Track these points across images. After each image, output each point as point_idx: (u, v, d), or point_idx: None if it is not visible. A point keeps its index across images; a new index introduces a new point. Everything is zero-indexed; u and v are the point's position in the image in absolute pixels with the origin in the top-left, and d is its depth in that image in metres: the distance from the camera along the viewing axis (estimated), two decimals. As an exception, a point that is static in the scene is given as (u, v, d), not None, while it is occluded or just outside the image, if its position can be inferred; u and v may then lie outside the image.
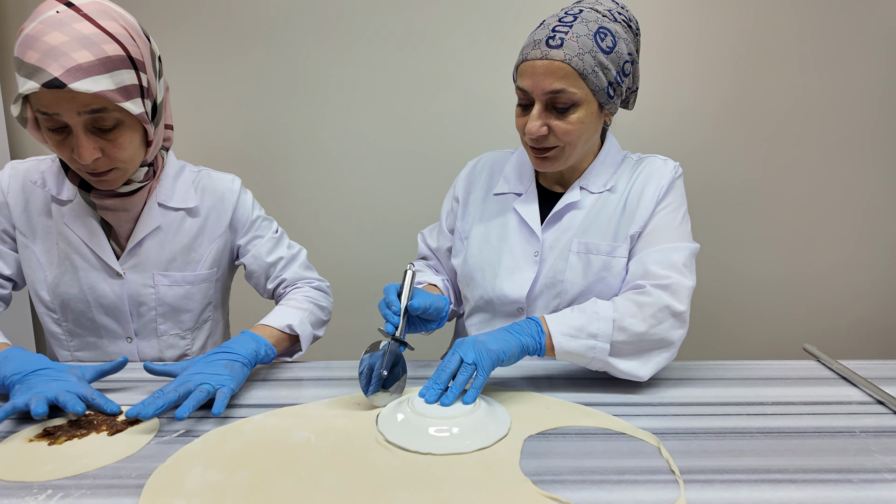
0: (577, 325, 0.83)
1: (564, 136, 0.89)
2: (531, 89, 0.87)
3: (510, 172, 1.05)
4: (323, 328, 1.06)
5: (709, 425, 0.75)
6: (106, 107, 0.78)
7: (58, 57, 0.73)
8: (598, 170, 0.98)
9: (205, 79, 1.68)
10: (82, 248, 0.93)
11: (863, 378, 0.88)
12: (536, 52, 0.86)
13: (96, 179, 0.85)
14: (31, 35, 0.74)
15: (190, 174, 1.01)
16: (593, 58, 0.85)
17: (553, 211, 0.98)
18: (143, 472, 0.63)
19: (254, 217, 1.05)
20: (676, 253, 0.89)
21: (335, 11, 1.64)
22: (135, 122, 0.83)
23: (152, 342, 1.00)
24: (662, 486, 0.61)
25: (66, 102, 0.75)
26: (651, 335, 0.83)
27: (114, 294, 0.95)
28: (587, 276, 0.94)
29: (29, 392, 0.72)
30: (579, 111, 0.88)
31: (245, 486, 0.60)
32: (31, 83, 0.73)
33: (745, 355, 1.77)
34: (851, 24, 1.62)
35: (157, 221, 0.95)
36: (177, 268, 0.98)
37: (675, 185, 0.96)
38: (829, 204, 1.73)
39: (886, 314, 1.79)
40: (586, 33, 0.85)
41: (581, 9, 0.89)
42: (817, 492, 0.60)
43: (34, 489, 0.60)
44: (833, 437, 0.72)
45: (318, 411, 0.77)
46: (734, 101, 1.67)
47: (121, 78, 0.78)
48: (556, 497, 0.58)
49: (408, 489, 0.59)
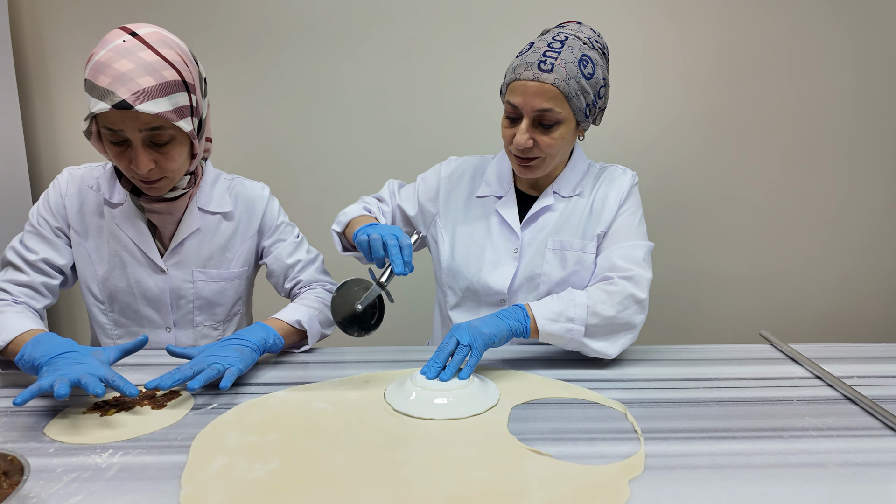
0: (556, 311, 0.95)
1: (547, 149, 1.01)
2: (521, 106, 0.98)
3: (491, 177, 1.16)
4: (332, 328, 1.12)
5: (669, 397, 0.87)
6: (163, 125, 0.89)
7: (126, 82, 0.84)
8: (567, 177, 1.11)
9: (213, 88, 1.78)
10: (131, 247, 1.04)
11: (807, 358, 1.01)
12: (529, 73, 0.96)
13: (147, 186, 0.96)
14: (102, 62, 0.85)
15: (225, 181, 1.12)
16: (577, 82, 0.97)
17: (530, 213, 1.11)
18: (187, 436, 0.74)
19: (279, 222, 1.15)
20: (637, 250, 1.03)
21: (337, 24, 1.75)
22: (185, 138, 0.94)
23: (188, 332, 1.10)
24: (626, 442, 0.73)
25: (131, 121, 0.87)
26: (618, 319, 0.96)
27: (157, 288, 1.06)
28: (563, 269, 1.08)
29: (54, 374, 0.76)
30: (561, 128, 1.00)
31: (276, 444, 0.71)
32: (102, 104, 0.84)
33: (714, 342, 1.90)
34: (817, 38, 1.75)
35: (197, 224, 1.06)
36: (213, 265, 1.09)
37: (633, 191, 1.10)
38: (792, 204, 1.87)
39: (847, 306, 1.94)
40: (572, 60, 0.97)
41: (566, 35, 0.99)
42: (753, 445, 0.72)
43: (97, 449, 0.71)
44: (773, 404, 0.85)
45: (333, 387, 0.89)
46: (707, 110, 1.80)
47: (176, 100, 0.89)
48: (536, 450, 0.70)
49: (414, 446, 0.71)
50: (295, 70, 1.78)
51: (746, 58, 1.77)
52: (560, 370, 0.97)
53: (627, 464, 0.67)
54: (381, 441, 0.72)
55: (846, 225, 1.88)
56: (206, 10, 1.73)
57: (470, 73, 1.78)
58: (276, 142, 1.83)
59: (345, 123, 1.81)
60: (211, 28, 1.75)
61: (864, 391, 0.87)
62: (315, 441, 0.72)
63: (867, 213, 1.88)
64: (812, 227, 1.88)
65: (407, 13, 1.74)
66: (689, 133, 1.81)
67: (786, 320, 1.93)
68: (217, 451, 0.70)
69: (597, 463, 0.68)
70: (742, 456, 0.70)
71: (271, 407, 0.82)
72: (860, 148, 1.84)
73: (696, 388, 0.90)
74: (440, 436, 0.74)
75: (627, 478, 0.64)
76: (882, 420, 0.79)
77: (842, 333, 1.93)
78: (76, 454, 0.70)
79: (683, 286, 1.91)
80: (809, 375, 0.96)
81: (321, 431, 0.74)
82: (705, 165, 1.84)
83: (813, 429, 0.77)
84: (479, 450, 0.70)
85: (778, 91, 1.79)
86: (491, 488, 0.62)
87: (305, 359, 1.03)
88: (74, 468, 0.67)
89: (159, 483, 0.64)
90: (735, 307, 1.94)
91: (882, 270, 1.92)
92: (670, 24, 1.75)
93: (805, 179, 1.85)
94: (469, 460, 0.68)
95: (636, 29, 1.75)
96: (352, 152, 1.83)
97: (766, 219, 1.88)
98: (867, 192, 1.87)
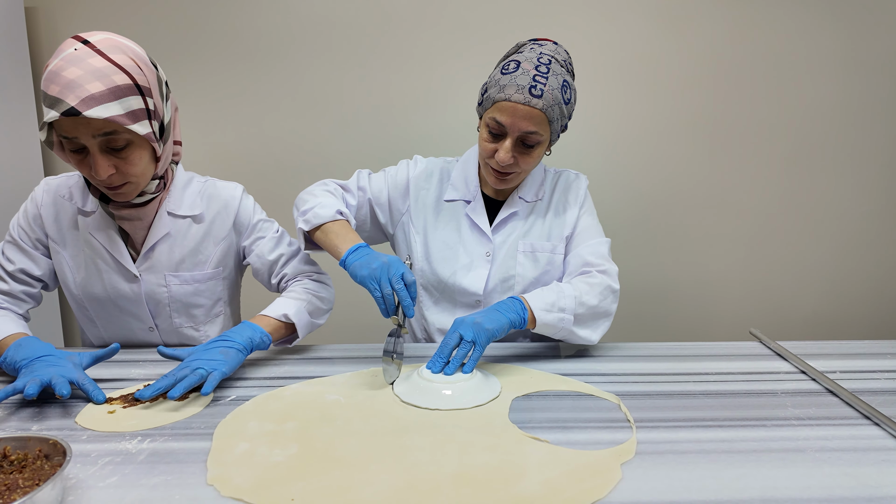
0: (550, 301, 1.02)
1: (525, 166, 1.08)
2: (509, 126, 1.03)
3: (457, 181, 1.20)
4: (324, 317, 1.14)
5: (660, 390, 0.92)
6: (116, 129, 0.89)
7: (74, 89, 0.84)
8: (530, 183, 1.20)
9: (219, 97, 1.84)
10: (104, 254, 1.06)
11: (793, 354, 1.06)
12: (519, 96, 1.00)
13: (113, 192, 0.97)
14: (53, 71, 0.86)
15: (197, 184, 1.12)
16: (559, 108, 1.04)
17: (500, 218, 1.18)
18: (210, 425, 0.80)
19: (255, 220, 1.15)
20: (602, 246, 1.14)
21: (340, 35, 1.81)
22: (143, 142, 0.94)
23: (171, 333, 1.14)
24: (619, 430, 0.79)
25: (83, 127, 0.87)
26: (600, 308, 1.06)
27: (132, 293, 1.08)
28: (536, 269, 1.16)
29: (29, 375, 0.83)
30: (540, 148, 1.08)
31: (294, 432, 0.77)
32: (52, 112, 0.85)
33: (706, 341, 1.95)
34: (806, 44, 1.81)
35: (167, 228, 1.07)
36: (185, 268, 1.10)
37: (587, 194, 1.22)
38: (783, 208, 1.92)
39: (832, 305, 1.99)
40: (557, 87, 1.02)
41: (549, 58, 1.04)
42: (737, 433, 0.78)
43: (126, 436, 0.76)
44: (758, 396, 0.90)
45: (344, 381, 0.94)
46: (698, 116, 1.86)
47: (129, 104, 0.89)
48: (535, 436, 0.75)
49: (421, 433, 0.77)
50: (298, 77, 1.83)
51: (737, 65, 1.83)
52: (558, 364, 1.03)
53: (620, 449, 0.73)
54: (391, 428, 0.78)
55: (835, 228, 1.94)
56: (213, 19, 1.79)
57: (471, 80, 1.83)
58: (279, 147, 1.88)
59: (347, 129, 1.87)
60: (217, 37, 1.81)
61: (845, 384, 0.92)
62: (329, 429, 0.78)
63: (856, 216, 1.94)
64: (802, 229, 1.94)
65: (408, 22, 1.80)
66: (681, 138, 1.87)
67: (776, 320, 1.98)
68: (239, 438, 0.75)
69: (591, 448, 0.73)
70: (726, 442, 0.75)
71: (287, 398, 0.87)
72: (848, 152, 1.89)
73: (686, 381, 0.96)
74: (445, 424, 0.79)
75: (619, 461, 0.70)
76: (859, 410, 0.84)
77: (830, 332, 1.98)
78: (108, 441, 0.75)
79: (677, 287, 1.96)
80: (794, 370, 1.01)
81: (335, 420, 0.80)
82: (698, 170, 1.90)
83: (794, 418, 0.82)
84: (482, 436, 0.76)
85: (767, 97, 1.85)
86: (493, 469, 0.68)
87: (316, 355, 1.08)
88: (108, 453, 0.72)
89: (187, 466, 0.69)
90: (727, 307, 1.99)
91: (869, 272, 1.97)
92: (663, 32, 1.81)
93: (795, 184, 1.91)
94: (473, 445, 0.73)
95: (630, 36, 1.81)
96: (355, 157, 1.89)
97: (757, 222, 1.93)
98: (855, 195, 1.92)
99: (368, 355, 1.08)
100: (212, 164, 1.87)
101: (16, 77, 1.70)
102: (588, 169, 1.40)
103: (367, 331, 1.97)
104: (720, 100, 1.85)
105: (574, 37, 1.80)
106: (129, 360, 1.05)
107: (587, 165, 1.77)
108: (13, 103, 1.69)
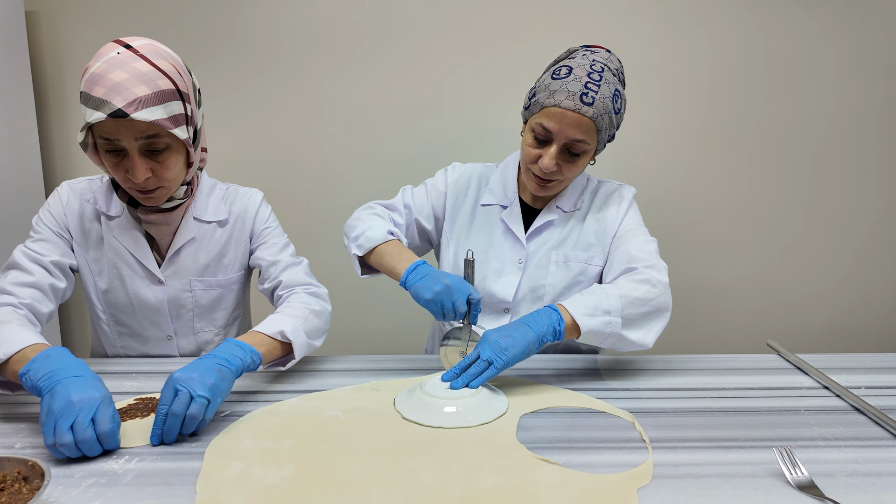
0: (592, 305, 0.93)
1: (568, 174, 1.04)
2: (556, 132, 0.99)
3: (495, 186, 1.17)
4: (321, 339, 1.04)
5: (676, 406, 0.88)
6: (159, 133, 0.90)
7: (121, 91, 0.84)
8: (570, 192, 1.14)
9: (228, 102, 1.82)
10: (128, 258, 1.04)
11: (814, 368, 1.01)
12: (570, 102, 0.96)
13: (144, 196, 0.96)
14: (97, 73, 0.85)
15: (220, 190, 1.12)
16: (609, 117, 1.00)
17: (535, 226, 1.13)
18: (202, 443, 0.75)
19: (265, 226, 1.13)
20: (650, 244, 1.07)
21: (346, 41, 1.78)
22: (180, 146, 0.94)
23: (190, 339, 1.11)
24: (634, 451, 0.74)
25: (126, 129, 0.87)
26: (652, 304, 0.96)
27: (156, 299, 1.06)
28: (567, 280, 1.11)
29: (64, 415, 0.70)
30: (585, 157, 1.03)
31: (290, 450, 0.72)
32: (98, 114, 0.84)
33: (721, 352, 1.90)
34: (822, 50, 1.77)
35: (193, 233, 1.06)
36: (210, 273, 1.09)
37: (633, 203, 1.15)
38: (799, 215, 1.87)
39: (851, 315, 1.94)
40: (608, 95, 0.98)
41: (602, 66, 0.99)
42: (761, 455, 0.73)
43: (113, 455, 0.72)
44: (781, 414, 0.85)
45: (344, 395, 0.90)
46: (712, 122, 1.82)
47: (171, 108, 0.89)
48: (545, 458, 0.71)
49: (425, 453, 0.72)
50: (307, 83, 1.80)
51: (752, 70, 1.78)
52: (568, 380, 0.98)
53: (635, 472, 0.68)
54: (393, 448, 0.73)
55: (852, 235, 1.89)
56: (220, 26, 1.77)
57: (475, 85, 1.80)
58: (288, 152, 1.85)
59: (355, 135, 1.84)
60: (225, 43, 1.78)
61: (871, 401, 0.87)
62: (328, 447, 0.73)
63: (873, 223, 1.88)
64: (818, 237, 1.89)
65: (416, 27, 1.77)
66: (695, 144, 1.83)
67: (792, 330, 1.93)
68: (232, 457, 0.71)
69: (605, 471, 0.69)
70: (750, 465, 0.70)
71: (284, 414, 0.83)
72: (866, 159, 1.84)
73: (704, 397, 0.91)
74: (450, 443, 0.75)
75: (636, 486, 0.65)
76: (889, 430, 0.79)
77: (848, 343, 1.92)
78: (94, 460, 0.71)
79: (691, 296, 1.91)
80: (817, 385, 0.96)
81: (333, 438, 0.76)
82: (712, 176, 1.85)
83: (821, 438, 0.78)
84: (489, 457, 0.71)
85: (782, 103, 1.80)
86: (502, 494, 0.63)
87: (315, 367, 1.04)
88: (92, 474, 0.68)
89: (175, 488, 0.65)
90: (742, 317, 1.94)
91: (888, 280, 1.92)
92: (675, 38, 1.77)
93: (811, 190, 1.86)
94: (479, 467, 0.69)
95: (642, 42, 1.77)
96: (362, 163, 1.86)
97: (772, 229, 1.88)
98: (873, 202, 1.87)
99: (369, 368, 1.04)
100: (221, 168, 1.84)
101: (16, 80, 1.68)
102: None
103: (368, 342, 1.93)
104: (732, 104, 1.81)
105: (582, 42, 1.77)
106: (121, 372, 1.01)
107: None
108: (13, 106, 1.67)
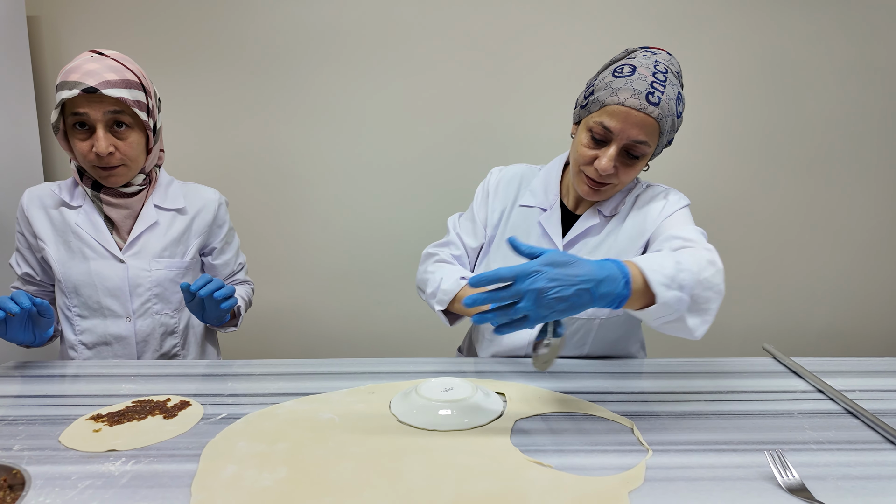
0: (669, 274, 0.76)
1: (624, 177, 0.99)
2: (617, 132, 0.94)
3: (537, 188, 1.13)
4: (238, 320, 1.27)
5: (670, 409, 0.88)
6: (123, 110, 1.06)
7: (93, 75, 1.02)
8: (616, 197, 1.09)
9: (225, 106, 1.83)
10: (91, 242, 1.14)
11: (809, 371, 1.02)
12: (635, 101, 0.92)
13: (106, 173, 1.09)
14: (72, 67, 1.03)
15: (179, 185, 1.25)
16: (672, 120, 0.96)
17: (575, 233, 1.08)
18: (197, 445, 0.76)
19: (228, 227, 1.29)
20: (697, 233, 0.98)
21: (342, 43, 1.79)
22: (141, 129, 1.10)
23: (147, 320, 1.19)
24: (627, 454, 0.74)
25: (96, 104, 1.03)
26: (717, 290, 0.82)
27: (117, 277, 1.15)
28: None
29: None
30: (643, 160, 0.99)
31: (285, 454, 0.73)
32: (72, 91, 1.00)
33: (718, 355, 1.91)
34: (823, 52, 1.77)
35: (154, 218, 1.18)
36: (168, 256, 1.20)
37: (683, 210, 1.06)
38: (797, 218, 1.88)
39: (849, 318, 1.94)
40: (673, 97, 0.94)
41: (667, 67, 0.96)
42: (752, 458, 0.73)
43: (111, 457, 0.73)
44: (774, 417, 0.85)
45: (339, 398, 0.91)
46: (713, 124, 1.82)
47: (136, 95, 1.07)
48: (538, 461, 0.71)
49: (419, 455, 0.73)
50: (306, 87, 1.81)
51: (751, 72, 1.79)
52: (563, 382, 0.98)
53: (628, 475, 0.69)
54: (386, 451, 0.74)
55: (851, 238, 1.89)
56: (215, 30, 1.78)
57: (476, 89, 1.81)
58: (288, 157, 1.86)
59: (352, 137, 1.85)
60: (222, 48, 1.79)
61: (865, 405, 0.88)
62: (322, 451, 0.74)
63: (872, 226, 1.89)
64: (816, 240, 1.89)
65: (414, 30, 1.78)
66: (692, 147, 1.83)
67: (789, 333, 1.93)
68: (227, 460, 0.72)
69: (598, 474, 0.69)
70: (742, 468, 0.71)
71: (279, 417, 0.84)
72: (865, 162, 1.85)
73: (698, 400, 0.91)
74: (444, 447, 0.75)
75: (628, 489, 0.66)
76: (882, 434, 0.80)
77: (845, 347, 1.92)
78: (90, 462, 0.72)
79: (688, 299, 1.91)
80: (811, 389, 0.97)
81: (328, 441, 0.76)
82: (709, 179, 1.85)
83: (813, 442, 0.78)
84: (482, 460, 0.72)
85: (783, 105, 1.81)
86: (493, 497, 0.64)
87: (312, 370, 1.05)
88: (89, 476, 0.69)
89: (170, 490, 0.66)
90: (738, 320, 1.94)
91: (887, 284, 1.92)
92: (674, 41, 1.77)
93: (809, 193, 1.86)
94: (472, 470, 0.69)
95: (641, 45, 1.77)
96: (360, 166, 1.86)
97: (770, 232, 1.89)
98: (872, 205, 1.87)
99: (365, 370, 1.04)
100: (217, 172, 1.85)
101: (17, 84, 1.69)
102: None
103: (364, 345, 1.94)
104: (731, 108, 1.81)
105: (584, 46, 1.77)
106: (118, 375, 1.02)
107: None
108: (15, 110, 1.68)
